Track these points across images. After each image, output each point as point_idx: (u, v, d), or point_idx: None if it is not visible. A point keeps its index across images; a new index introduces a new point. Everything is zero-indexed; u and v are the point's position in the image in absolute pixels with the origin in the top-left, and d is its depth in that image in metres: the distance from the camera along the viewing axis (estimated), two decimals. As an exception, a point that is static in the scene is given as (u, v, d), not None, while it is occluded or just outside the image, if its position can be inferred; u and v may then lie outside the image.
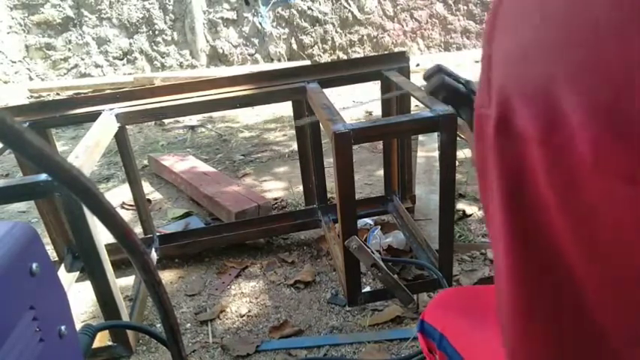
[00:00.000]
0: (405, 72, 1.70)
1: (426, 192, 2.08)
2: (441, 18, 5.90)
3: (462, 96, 0.63)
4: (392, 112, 1.78)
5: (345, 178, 1.26)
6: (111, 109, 1.57)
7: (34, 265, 0.47)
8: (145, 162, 2.92)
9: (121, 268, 1.76)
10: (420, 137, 2.68)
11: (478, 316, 0.72)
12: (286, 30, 5.56)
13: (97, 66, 5.32)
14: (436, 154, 2.44)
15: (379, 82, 1.75)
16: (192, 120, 3.79)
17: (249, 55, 5.56)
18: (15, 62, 5.17)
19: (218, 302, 1.61)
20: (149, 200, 2.30)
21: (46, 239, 1.74)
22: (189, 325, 1.52)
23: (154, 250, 1.81)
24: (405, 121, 1.31)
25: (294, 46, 5.62)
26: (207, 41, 5.44)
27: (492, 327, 0.66)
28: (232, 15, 5.40)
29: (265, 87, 1.66)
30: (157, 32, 5.33)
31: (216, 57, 5.48)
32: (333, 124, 1.26)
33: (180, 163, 2.64)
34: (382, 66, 1.70)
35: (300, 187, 2.05)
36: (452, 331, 0.74)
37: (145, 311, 1.59)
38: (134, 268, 0.62)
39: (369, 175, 2.50)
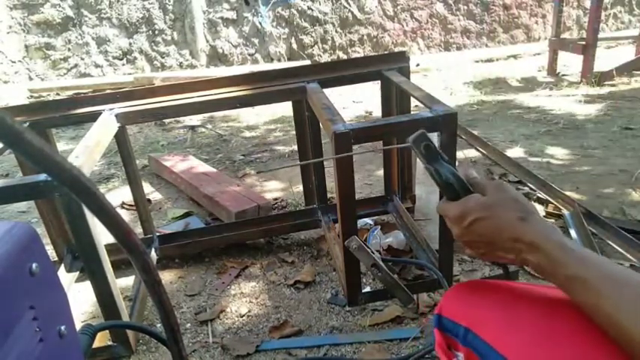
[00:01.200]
0: (405, 72, 1.70)
1: (426, 192, 2.08)
2: (441, 18, 5.91)
3: (437, 154, 0.74)
4: (392, 112, 1.78)
5: (345, 178, 1.26)
6: (111, 109, 1.57)
7: (34, 265, 0.47)
8: (145, 162, 2.92)
9: (121, 268, 1.76)
10: (420, 137, 2.67)
11: (507, 306, 0.67)
12: (286, 30, 5.56)
13: (96, 66, 5.33)
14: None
15: (379, 81, 1.76)
16: (193, 120, 3.80)
17: (249, 55, 5.56)
18: (15, 62, 5.17)
19: (218, 302, 1.61)
20: (149, 200, 2.30)
21: (46, 239, 1.74)
22: (189, 325, 1.52)
23: (153, 250, 1.81)
24: (404, 121, 1.31)
25: (294, 46, 5.63)
26: (207, 41, 5.44)
27: (527, 316, 0.64)
28: (232, 15, 5.41)
29: (265, 87, 1.66)
30: (156, 32, 5.34)
31: (216, 57, 5.49)
32: (333, 124, 1.26)
33: (180, 163, 2.64)
34: (382, 66, 1.70)
35: (300, 187, 2.05)
36: (480, 324, 0.67)
37: (145, 311, 1.59)
38: (134, 268, 0.62)
39: (369, 175, 2.50)
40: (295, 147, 2.08)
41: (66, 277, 1.69)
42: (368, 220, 1.97)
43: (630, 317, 0.51)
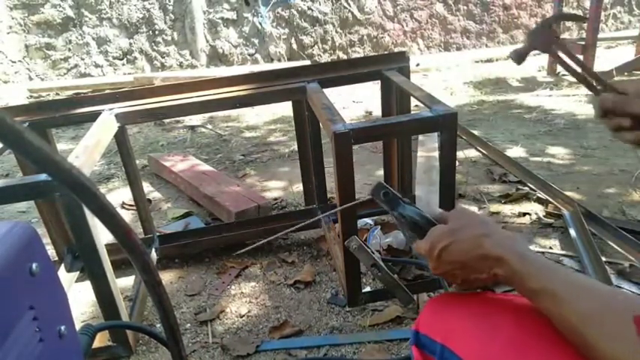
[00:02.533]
0: (405, 72, 1.70)
1: (426, 192, 2.08)
2: (441, 18, 5.90)
3: (398, 198, 0.79)
4: (392, 112, 1.78)
5: (346, 178, 1.26)
6: (111, 109, 1.57)
7: (34, 265, 0.46)
8: (145, 162, 2.92)
9: (121, 268, 1.76)
10: (420, 137, 2.68)
11: (480, 319, 0.67)
12: (286, 30, 5.56)
13: (97, 66, 5.32)
14: (436, 154, 2.44)
15: (379, 81, 1.76)
16: (193, 120, 3.80)
17: (249, 55, 5.56)
18: (15, 62, 5.17)
19: (218, 302, 1.61)
20: (149, 200, 2.30)
21: (45, 239, 1.74)
22: (189, 325, 1.52)
23: (153, 250, 1.81)
24: (405, 121, 1.31)
25: (294, 46, 5.62)
26: (207, 41, 5.44)
27: (500, 329, 0.64)
28: (232, 15, 5.40)
29: (265, 87, 1.66)
30: (157, 32, 5.33)
31: (216, 57, 5.49)
32: (333, 124, 1.26)
33: (180, 163, 2.64)
34: (382, 66, 1.70)
35: (300, 187, 2.05)
36: (455, 341, 0.67)
37: (145, 311, 1.59)
38: (134, 268, 0.62)
39: (369, 175, 2.50)
40: (295, 147, 2.08)
41: (66, 277, 1.69)
42: (368, 220, 1.97)
43: (592, 327, 0.52)
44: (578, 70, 0.94)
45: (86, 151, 1.29)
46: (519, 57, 1.00)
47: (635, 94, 0.82)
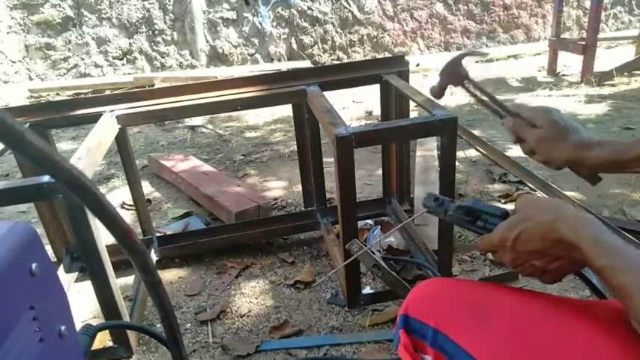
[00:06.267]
0: (405, 76, 1.71)
1: (425, 192, 2.08)
2: (441, 18, 5.90)
3: (450, 201, 0.78)
4: (391, 116, 1.78)
5: (347, 181, 1.27)
6: (112, 111, 1.57)
7: (34, 265, 0.47)
8: (145, 162, 2.92)
9: (121, 268, 1.76)
10: (420, 137, 2.68)
11: (477, 307, 0.66)
12: (286, 30, 5.56)
13: (96, 66, 5.33)
14: (434, 153, 2.44)
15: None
16: (193, 120, 3.80)
17: (249, 55, 5.56)
18: (15, 62, 5.17)
19: (218, 302, 1.62)
20: (149, 200, 2.30)
21: (44, 240, 1.74)
22: (189, 325, 1.52)
23: (152, 251, 1.81)
24: (406, 125, 1.31)
25: (294, 46, 5.63)
26: (207, 41, 5.44)
27: (499, 318, 0.63)
28: (232, 15, 5.40)
29: (266, 90, 1.67)
30: (156, 32, 5.34)
31: (216, 57, 5.49)
32: (335, 127, 1.26)
33: (180, 163, 2.64)
34: (382, 70, 1.70)
35: (300, 187, 2.05)
36: (449, 324, 0.66)
37: (145, 311, 1.59)
38: (134, 268, 0.62)
39: (369, 175, 2.50)
40: (295, 147, 2.08)
41: (65, 278, 1.69)
42: (368, 220, 1.97)
43: None
44: (487, 99, 1.01)
45: (89, 153, 1.29)
46: (437, 93, 1.11)
47: (529, 118, 0.88)
